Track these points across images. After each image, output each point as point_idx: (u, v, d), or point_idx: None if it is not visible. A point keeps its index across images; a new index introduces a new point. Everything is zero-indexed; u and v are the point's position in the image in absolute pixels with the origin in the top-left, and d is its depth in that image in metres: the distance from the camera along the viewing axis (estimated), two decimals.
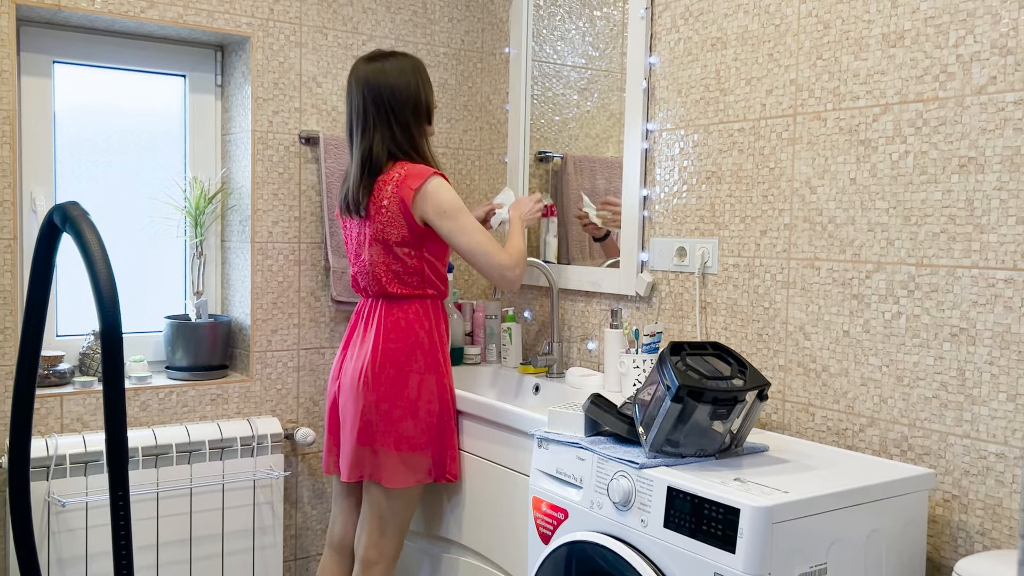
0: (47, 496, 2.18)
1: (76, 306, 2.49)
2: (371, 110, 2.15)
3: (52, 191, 2.43)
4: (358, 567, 2.18)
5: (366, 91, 2.15)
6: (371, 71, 2.16)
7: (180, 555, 2.37)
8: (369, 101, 2.15)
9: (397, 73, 2.16)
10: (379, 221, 2.13)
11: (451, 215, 2.12)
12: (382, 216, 2.12)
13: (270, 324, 2.57)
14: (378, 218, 2.12)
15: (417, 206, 2.11)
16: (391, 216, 2.11)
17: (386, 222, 2.12)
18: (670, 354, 1.62)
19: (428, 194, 2.10)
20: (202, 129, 2.66)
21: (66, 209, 1.65)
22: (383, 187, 2.12)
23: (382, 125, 2.15)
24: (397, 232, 2.12)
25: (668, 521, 1.51)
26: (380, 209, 2.12)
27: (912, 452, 1.74)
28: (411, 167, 2.13)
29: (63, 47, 2.43)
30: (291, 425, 2.62)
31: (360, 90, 2.16)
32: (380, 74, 2.15)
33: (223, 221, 2.68)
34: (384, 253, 2.14)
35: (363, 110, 2.15)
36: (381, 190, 2.12)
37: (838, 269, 1.87)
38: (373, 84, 2.15)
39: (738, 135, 2.08)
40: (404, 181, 2.10)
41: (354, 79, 2.18)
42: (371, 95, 2.14)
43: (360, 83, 2.16)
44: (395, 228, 2.12)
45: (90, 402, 2.33)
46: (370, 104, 2.15)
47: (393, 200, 2.10)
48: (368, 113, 2.15)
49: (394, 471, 2.11)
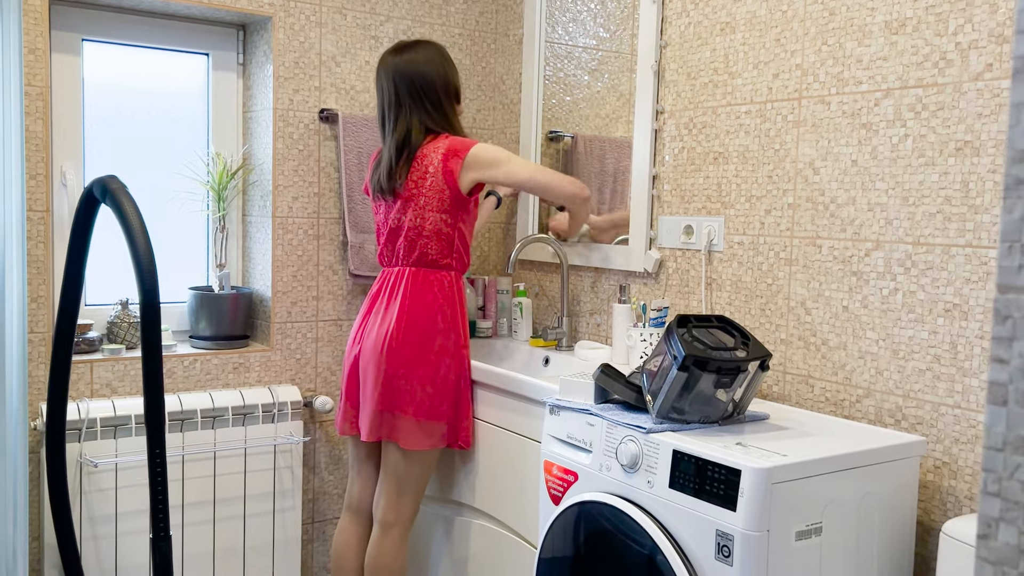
0: (79, 457, 2.29)
1: (104, 276, 2.59)
2: (404, 97, 2.26)
3: (81, 166, 2.52)
4: (376, 529, 2.29)
5: (397, 80, 2.26)
6: (400, 61, 2.27)
7: (204, 516, 2.48)
8: (402, 89, 2.26)
9: (425, 60, 2.27)
10: (420, 189, 2.23)
11: (503, 160, 2.26)
12: (425, 183, 2.23)
13: (290, 296, 2.67)
14: (421, 185, 2.23)
15: (465, 174, 2.23)
16: (434, 183, 2.23)
17: (428, 188, 2.23)
18: (677, 326, 1.71)
19: (476, 156, 2.23)
20: (224, 106, 2.74)
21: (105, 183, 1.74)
22: (425, 158, 2.24)
23: (417, 109, 2.26)
24: (438, 199, 2.23)
25: (673, 482, 1.61)
26: (424, 176, 2.23)
27: (906, 421, 1.83)
28: (453, 139, 2.26)
29: (92, 25, 2.51)
30: (309, 393, 2.71)
31: (391, 79, 2.27)
32: (409, 63, 2.26)
33: (244, 196, 2.77)
34: (422, 219, 2.24)
35: (396, 97, 2.26)
36: (424, 159, 2.24)
37: (839, 247, 1.95)
38: (404, 73, 2.26)
39: (745, 117, 2.15)
40: (450, 150, 2.23)
41: (383, 70, 2.29)
42: (403, 83, 2.26)
43: (390, 73, 2.27)
44: (436, 194, 2.23)
45: (119, 368, 2.43)
46: (403, 91, 2.26)
47: (438, 168, 2.22)
48: (402, 100, 2.26)
49: (412, 434, 2.21)
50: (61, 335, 1.98)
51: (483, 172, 2.25)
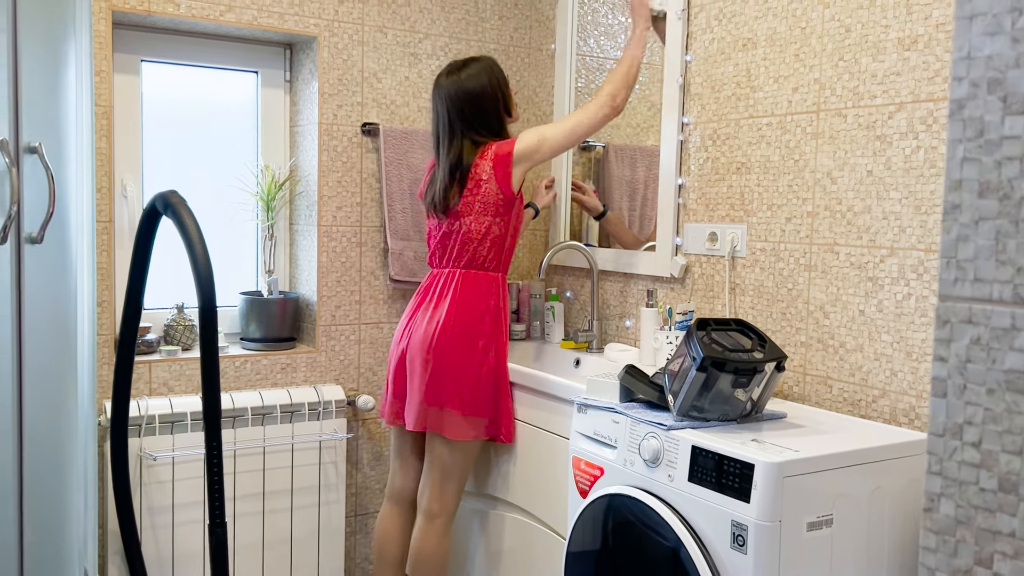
0: (139, 451, 2.45)
1: (160, 282, 2.75)
2: (455, 119, 2.41)
3: (140, 179, 2.69)
4: (421, 519, 2.42)
5: (449, 104, 2.42)
6: (450, 83, 2.43)
7: (254, 507, 2.63)
8: (454, 113, 2.41)
9: (470, 78, 2.42)
10: (475, 198, 2.39)
11: (539, 140, 2.39)
12: (479, 192, 2.38)
13: (334, 300, 2.81)
14: (475, 194, 2.39)
15: (515, 171, 2.38)
16: (487, 189, 2.38)
17: (482, 195, 2.38)
18: (697, 329, 1.82)
19: (520, 151, 2.38)
20: (272, 121, 2.90)
21: (167, 197, 1.90)
22: (476, 167, 2.39)
23: (467, 128, 2.41)
24: (493, 204, 2.38)
25: (692, 476, 1.71)
26: (477, 186, 2.38)
27: (919, 421, 1.91)
28: (499, 143, 2.41)
29: (150, 47, 2.68)
30: (352, 392, 2.86)
31: (444, 103, 2.43)
32: (456, 84, 2.42)
33: (292, 206, 2.92)
34: (476, 224, 2.39)
35: (448, 122, 2.42)
36: (476, 170, 2.39)
37: (855, 254, 2.04)
38: (454, 96, 2.41)
39: (766, 129, 2.25)
40: (498, 157, 2.38)
41: (436, 92, 2.46)
42: (454, 107, 2.41)
43: (443, 96, 2.43)
44: (490, 200, 2.38)
45: (175, 368, 2.59)
46: (454, 116, 2.41)
47: (491, 176, 2.37)
48: (453, 124, 2.41)
49: (457, 426, 2.35)
50: (125, 337, 2.14)
51: (530, 159, 2.40)
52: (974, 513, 0.69)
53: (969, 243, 0.69)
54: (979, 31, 0.70)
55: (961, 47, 0.72)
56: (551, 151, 2.42)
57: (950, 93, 0.72)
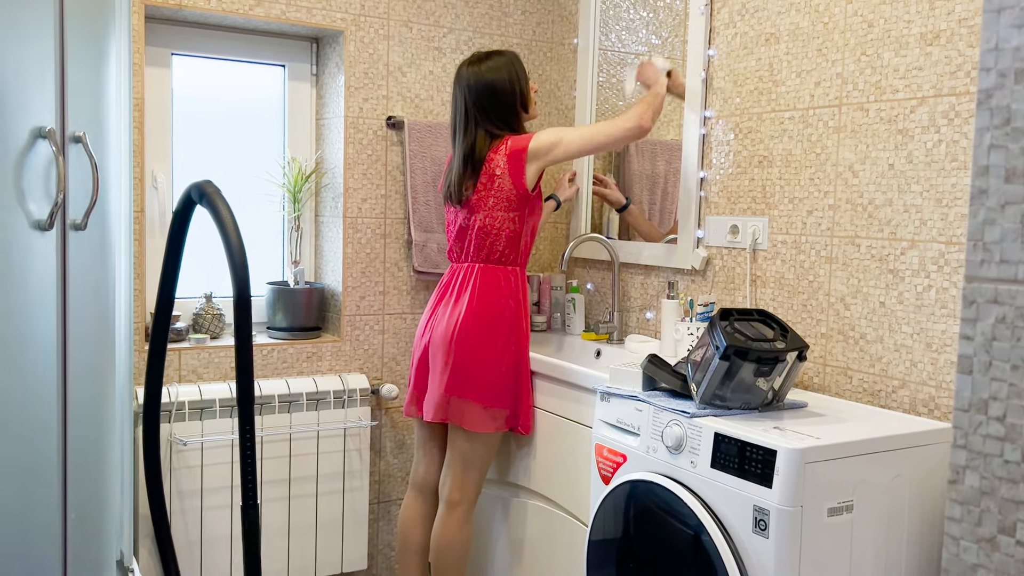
0: (169, 437, 2.51)
1: (190, 271, 2.80)
2: (472, 110, 2.44)
3: (170, 170, 2.74)
4: (442, 507, 2.47)
5: (467, 93, 2.44)
6: (470, 74, 2.45)
7: (280, 493, 2.69)
8: (470, 103, 2.44)
9: (494, 73, 2.44)
10: (489, 192, 2.41)
11: (557, 140, 2.41)
12: (493, 186, 2.41)
13: (359, 291, 2.86)
14: (489, 188, 2.41)
15: (529, 167, 2.40)
16: (501, 184, 2.41)
17: (496, 189, 2.41)
18: (719, 319, 1.85)
19: (536, 148, 2.40)
20: (299, 114, 2.95)
21: (202, 186, 1.94)
22: (491, 162, 2.42)
23: (483, 119, 2.44)
24: (506, 199, 2.41)
25: (715, 462, 1.75)
26: (491, 179, 2.41)
27: (939, 411, 1.94)
28: (514, 138, 2.43)
29: (180, 40, 2.73)
30: (376, 381, 2.91)
31: (462, 92, 2.46)
32: (477, 75, 2.45)
33: (317, 198, 2.97)
34: (491, 219, 2.42)
35: (465, 111, 2.45)
36: (490, 164, 2.42)
37: (876, 246, 2.06)
38: (472, 86, 2.44)
39: (788, 123, 2.27)
40: (513, 151, 2.40)
41: (456, 82, 2.48)
42: (471, 97, 2.44)
43: (462, 86, 2.46)
44: (504, 195, 2.41)
45: (203, 356, 2.64)
46: (471, 105, 2.44)
47: (505, 170, 2.40)
48: (469, 113, 2.44)
49: (478, 418, 2.39)
50: (158, 325, 2.19)
51: (544, 158, 2.42)
52: (998, 484, 0.73)
53: (995, 226, 0.73)
54: (1007, 23, 0.74)
55: (989, 39, 0.75)
56: (566, 154, 2.43)
57: (978, 83, 0.75)
